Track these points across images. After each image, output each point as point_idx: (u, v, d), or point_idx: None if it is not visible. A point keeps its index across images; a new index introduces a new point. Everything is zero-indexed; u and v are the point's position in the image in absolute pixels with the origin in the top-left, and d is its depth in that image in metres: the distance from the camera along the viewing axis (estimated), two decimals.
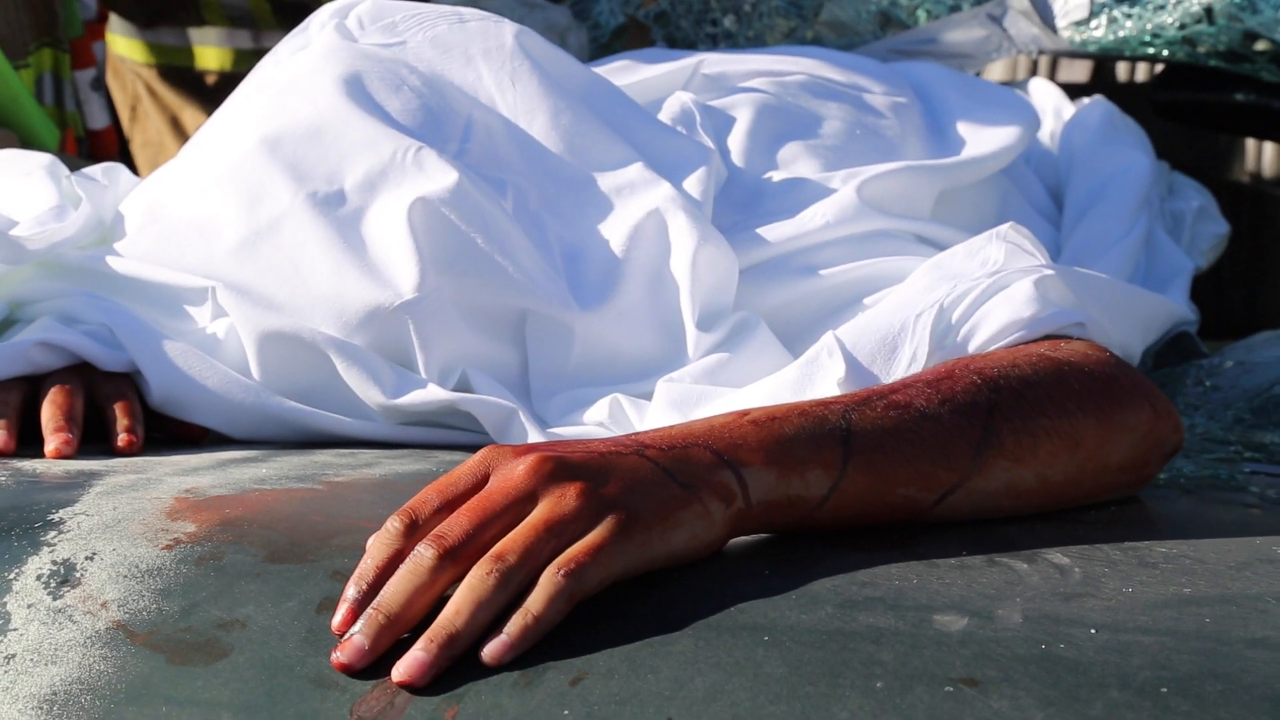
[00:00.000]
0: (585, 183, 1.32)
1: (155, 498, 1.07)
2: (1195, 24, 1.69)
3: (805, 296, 1.31)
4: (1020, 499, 1.09)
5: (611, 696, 0.87)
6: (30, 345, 1.24)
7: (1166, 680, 0.85)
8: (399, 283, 1.22)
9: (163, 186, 1.36)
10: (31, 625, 0.97)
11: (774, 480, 0.99)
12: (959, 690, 0.85)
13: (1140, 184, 1.59)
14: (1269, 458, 1.31)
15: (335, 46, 1.36)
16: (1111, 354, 1.19)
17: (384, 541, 0.94)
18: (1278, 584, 0.98)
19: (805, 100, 1.52)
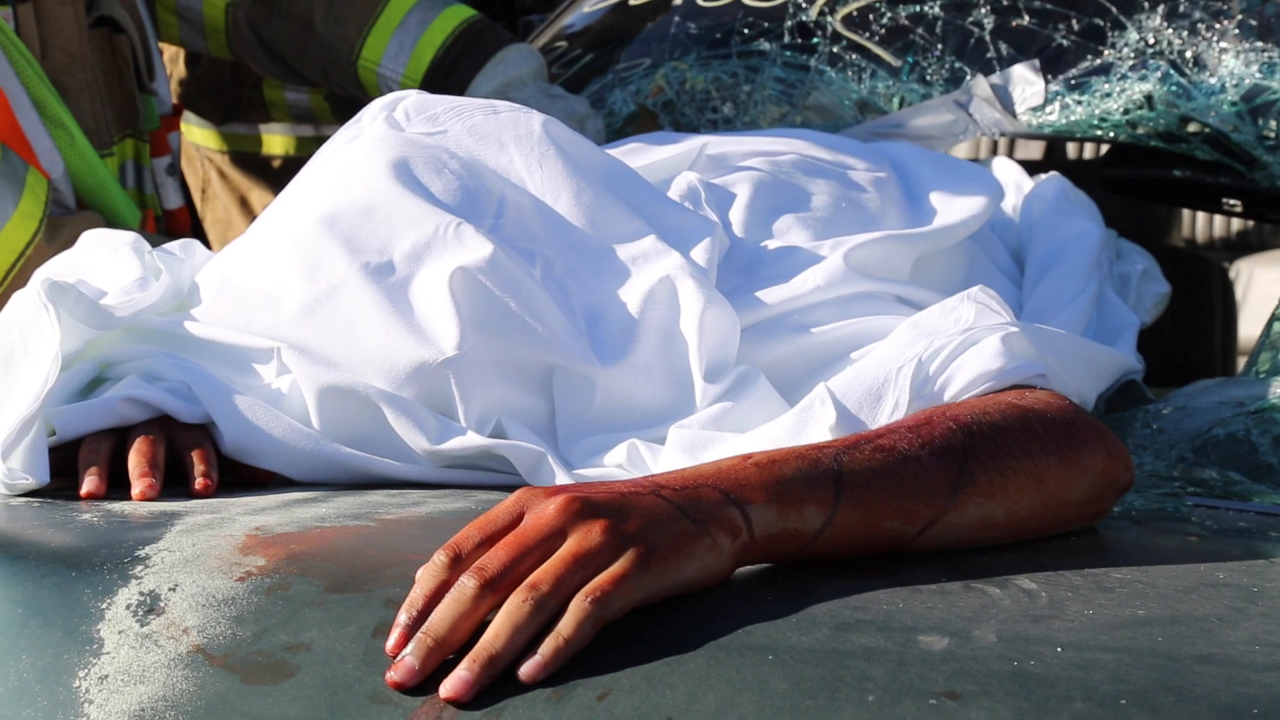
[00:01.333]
0: (604, 253, 1.33)
1: (229, 535, 1.08)
2: (1137, 109, 1.69)
3: (799, 351, 1.31)
4: (992, 531, 1.08)
5: (634, 710, 0.87)
6: (118, 400, 1.25)
7: (1125, 693, 0.85)
8: (442, 342, 1.22)
9: (233, 259, 1.36)
10: (122, 649, 0.97)
11: (775, 516, 0.99)
12: (941, 703, 0.85)
13: (1092, 249, 1.59)
14: (1209, 492, 1.31)
15: (385, 135, 1.36)
16: (1070, 402, 1.19)
17: (431, 573, 0.94)
18: (1220, 606, 0.99)
19: (796, 177, 1.52)
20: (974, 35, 1.82)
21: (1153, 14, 1.71)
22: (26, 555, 1.09)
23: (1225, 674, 0.88)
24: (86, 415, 1.25)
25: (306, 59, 1.95)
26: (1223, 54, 1.65)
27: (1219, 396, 1.42)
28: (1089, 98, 1.72)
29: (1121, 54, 1.72)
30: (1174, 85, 1.67)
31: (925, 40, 1.84)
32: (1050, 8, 1.78)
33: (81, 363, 1.29)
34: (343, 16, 1.92)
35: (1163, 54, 1.69)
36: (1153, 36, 1.70)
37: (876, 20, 1.88)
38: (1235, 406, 1.39)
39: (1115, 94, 1.71)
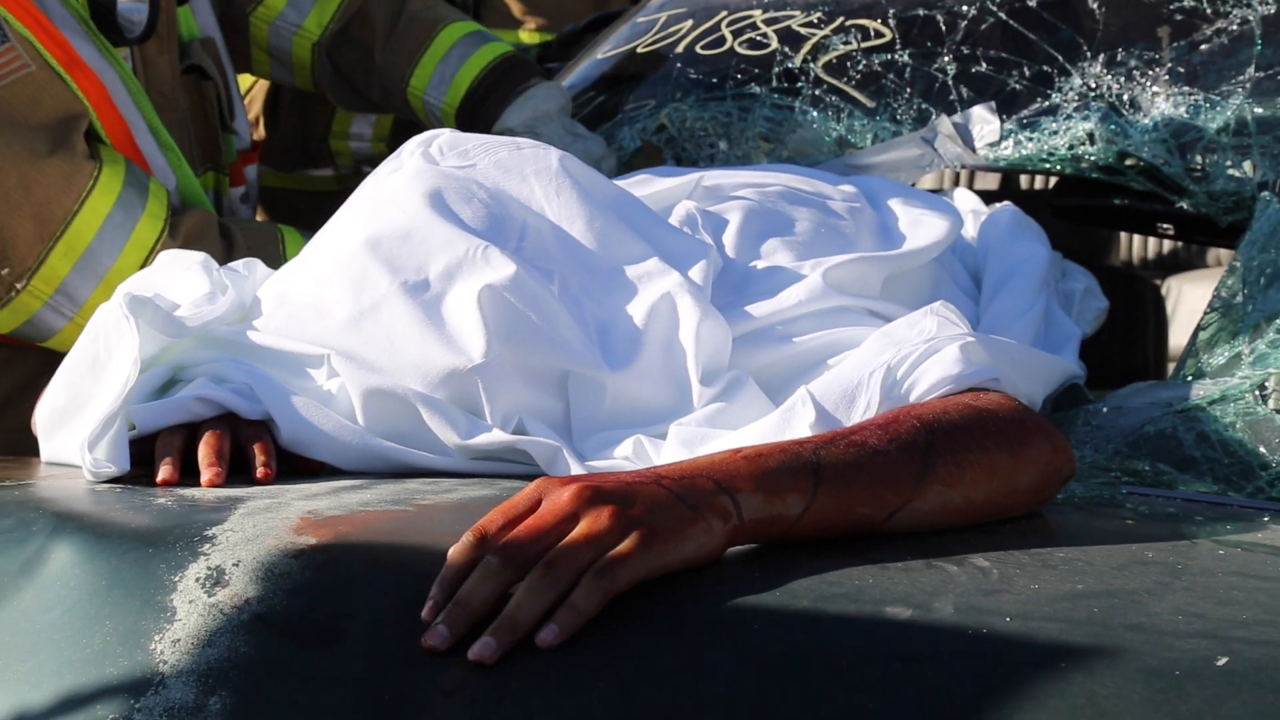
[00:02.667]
0: (613, 272, 1.33)
1: (285, 517, 1.08)
2: (1080, 145, 1.69)
3: (783, 358, 1.31)
4: (951, 515, 1.09)
5: (636, 671, 0.88)
6: (190, 400, 1.25)
7: (1064, 658, 0.85)
8: (471, 351, 1.22)
9: (289, 277, 1.37)
10: (192, 617, 0.98)
11: (761, 503, 1.00)
12: (905, 666, 0.85)
13: (1040, 270, 1.59)
14: (1141, 481, 1.31)
15: (421, 168, 1.36)
16: (1020, 403, 1.19)
17: (461, 551, 0.95)
18: (1149, 581, 0.99)
19: (781, 206, 1.52)
20: (938, 80, 1.82)
21: (1094, 62, 1.71)
22: (109, 534, 1.09)
23: (1152, 640, 0.88)
24: (162, 412, 1.25)
25: (370, 84, 1.94)
26: (1155, 97, 1.66)
27: (1150, 398, 1.42)
28: (1039, 135, 1.72)
29: (1067, 97, 1.72)
30: (1113, 124, 1.67)
31: (895, 84, 1.85)
32: (1005, 56, 1.78)
33: (158, 366, 1.29)
34: (397, 48, 1.92)
35: (1103, 97, 1.69)
36: (1094, 82, 1.70)
37: (853, 67, 1.88)
38: (1164, 407, 1.39)
39: (1061, 132, 1.71)
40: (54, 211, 1.53)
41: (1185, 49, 1.68)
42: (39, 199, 1.53)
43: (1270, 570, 1.06)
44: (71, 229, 1.54)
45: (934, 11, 1.86)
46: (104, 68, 1.60)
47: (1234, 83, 1.62)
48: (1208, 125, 1.61)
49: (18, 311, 1.57)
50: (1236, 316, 1.45)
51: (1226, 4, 1.68)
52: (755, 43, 1.98)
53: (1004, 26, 1.81)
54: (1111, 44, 1.72)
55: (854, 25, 1.92)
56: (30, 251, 1.54)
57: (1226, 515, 1.23)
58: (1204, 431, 1.35)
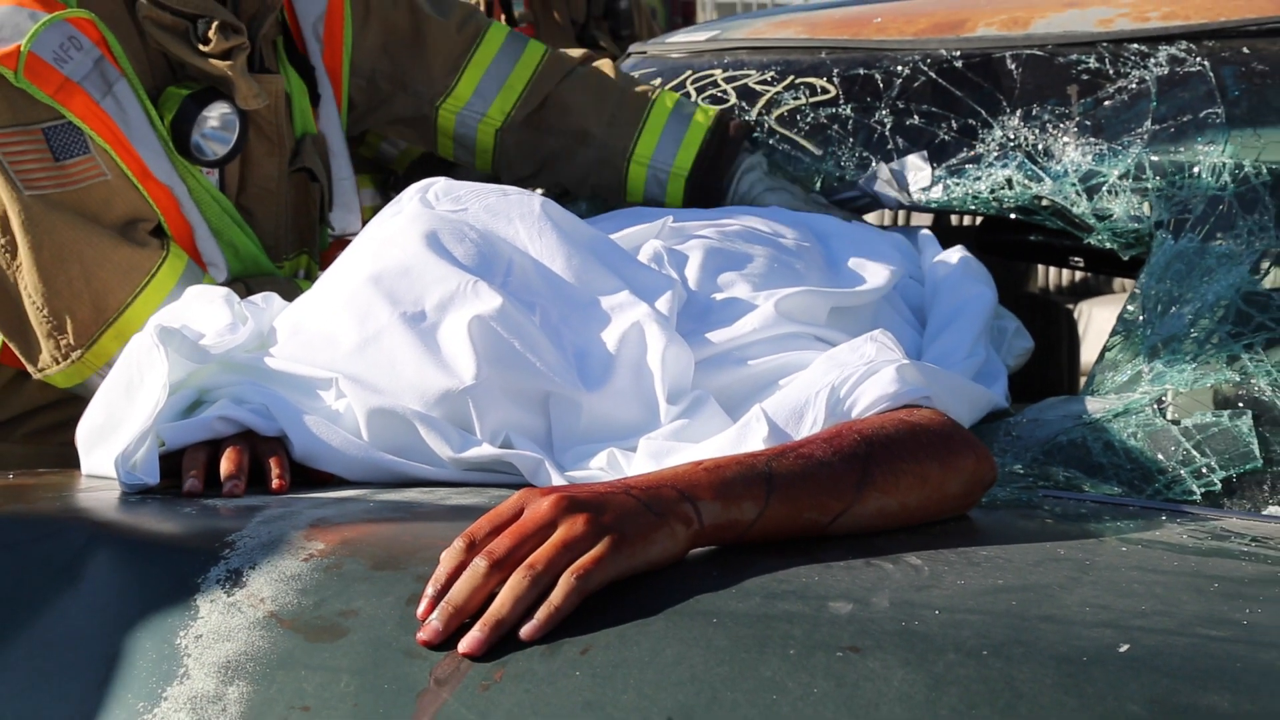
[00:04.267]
0: (589, 303, 1.32)
1: (297, 524, 1.07)
2: (1000, 189, 1.70)
3: (740, 380, 1.31)
4: (887, 519, 1.08)
5: (609, 661, 0.88)
6: (213, 419, 1.24)
7: (986, 645, 0.85)
8: (462, 374, 1.21)
9: (302, 309, 1.36)
10: (213, 614, 0.98)
11: (719, 509, 0.99)
12: (846, 655, 0.85)
13: (986, 312, 1.57)
14: (1055, 485, 1.31)
15: (419, 212, 1.36)
16: (948, 418, 1.19)
17: (452, 555, 0.94)
18: (1061, 576, 0.99)
19: (739, 244, 1.51)
20: (877, 131, 1.82)
21: (1012, 116, 1.72)
22: (141, 539, 1.10)
23: (1063, 630, 0.88)
24: (188, 430, 1.24)
25: (573, 164, 1.90)
26: (1065, 147, 1.66)
27: (1063, 411, 1.42)
28: (964, 180, 1.73)
29: (989, 147, 1.72)
30: (1028, 171, 1.67)
31: (839, 135, 1.85)
32: (935, 111, 1.78)
33: (185, 389, 1.28)
34: (615, 124, 1.88)
35: (1020, 147, 1.69)
36: (1012, 134, 1.71)
37: (802, 119, 1.88)
38: (1076, 419, 1.39)
39: (984, 177, 1.71)
40: (110, 301, 1.56)
41: (1091, 105, 1.68)
42: (98, 289, 1.55)
43: (1166, 565, 1.06)
44: (124, 317, 1.56)
45: (873, 71, 1.86)
46: (175, 181, 1.62)
47: (1133, 134, 1.62)
48: (1110, 171, 1.61)
49: (71, 376, 1.59)
50: (1137, 339, 1.45)
51: (1126, 66, 1.69)
52: (716, 98, 1.98)
53: (934, 85, 1.81)
54: (1027, 101, 1.73)
55: (803, 83, 1.92)
56: (86, 331, 1.56)
57: (1129, 515, 1.23)
58: (1110, 441, 1.35)
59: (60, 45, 1.53)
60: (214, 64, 1.61)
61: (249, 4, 1.68)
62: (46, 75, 1.52)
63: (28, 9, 1.53)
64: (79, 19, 1.55)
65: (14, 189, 1.52)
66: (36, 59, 1.51)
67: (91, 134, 1.55)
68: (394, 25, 1.88)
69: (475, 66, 1.89)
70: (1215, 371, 1.38)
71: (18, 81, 1.50)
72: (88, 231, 1.55)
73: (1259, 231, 1.46)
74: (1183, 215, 1.52)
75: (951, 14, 1.92)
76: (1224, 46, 1.64)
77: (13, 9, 1.53)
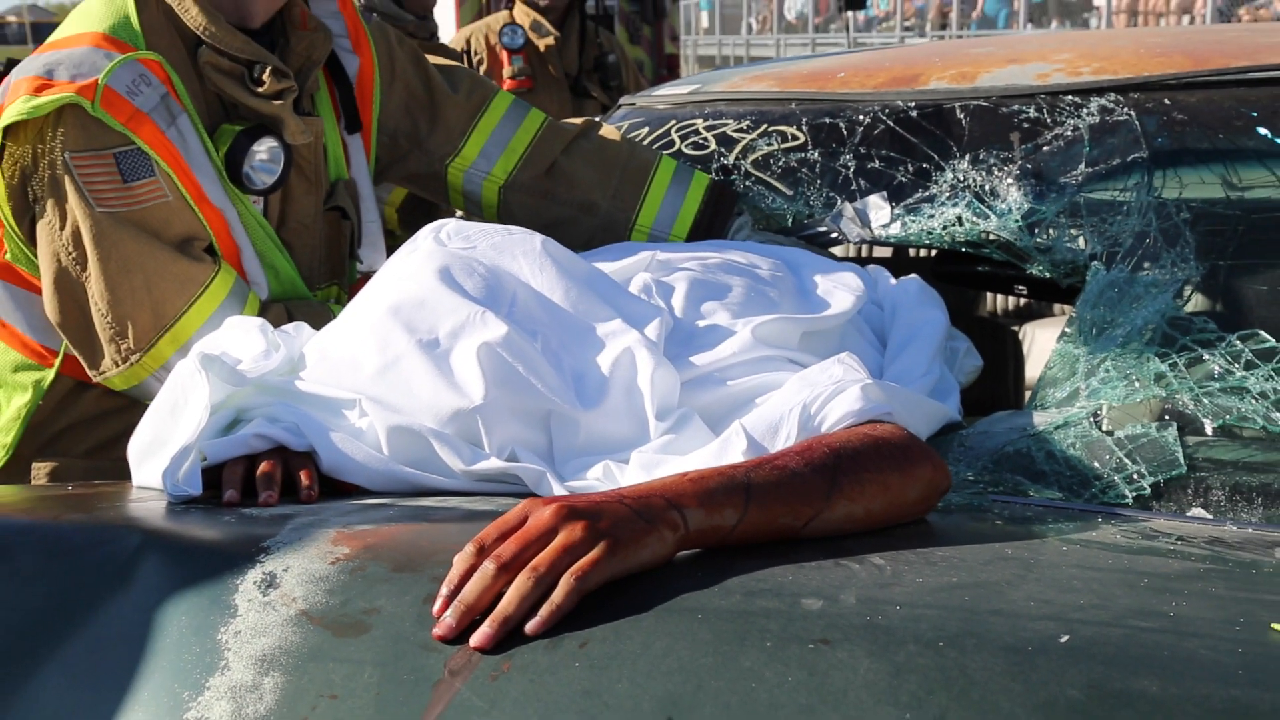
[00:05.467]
0: (585, 331, 1.33)
1: (325, 531, 1.07)
2: (952, 225, 1.70)
3: (721, 398, 1.31)
4: (854, 523, 1.08)
5: (605, 654, 0.88)
6: (250, 436, 1.24)
7: (942, 637, 0.86)
8: (472, 395, 1.21)
9: (328, 337, 1.36)
10: (250, 612, 0.98)
11: (703, 516, 1.00)
12: (817, 647, 0.85)
13: (939, 335, 1.57)
14: (1003, 491, 1.31)
15: (433, 250, 1.36)
16: (907, 431, 1.19)
17: (463, 559, 0.95)
18: (1009, 573, 0.99)
19: (719, 275, 1.52)
20: (841, 174, 1.83)
21: (961, 160, 1.72)
22: (185, 544, 1.09)
23: (1010, 623, 0.88)
24: (227, 446, 1.24)
25: (578, 230, 1.89)
26: (1008, 188, 1.67)
27: (1010, 424, 1.42)
28: (920, 217, 1.73)
29: (941, 188, 1.73)
30: (977, 209, 1.68)
31: (808, 177, 1.85)
32: (893, 155, 1.79)
33: (224, 410, 1.29)
34: (619, 197, 1.88)
35: (968, 188, 1.70)
36: (962, 176, 1.71)
37: (775, 163, 1.89)
38: (1021, 431, 1.39)
39: (937, 215, 1.72)
40: (168, 309, 1.57)
41: (1031, 150, 1.69)
42: (158, 297, 1.57)
43: (1102, 563, 1.06)
44: (179, 324, 1.57)
45: (837, 120, 1.87)
46: (226, 206, 1.64)
47: (1069, 176, 1.63)
48: (1049, 209, 1.62)
49: (129, 378, 1.59)
50: (1075, 359, 1.46)
51: (1062, 115, 1.70)
52: (698, 144, 1.99)
53: (892, 132, 1.82)
54: (975, 146, 1.73)
55: (775, 130, 1.92)
56: (145, 336, 1.57)
57: (1069, 517, 1.23)
58: (1051, 450, 1.35)
59: (132, 81, 1.56)
60: (266, 104, 1.65)
61: (296, 55, 1.72)
62: (119, 106, 1.55)
63: (104, 50, 1.58)
64: (149, 60, 1.59)
65: (86, 206, 1.55)
66: (111, 92, 1.54)
67: (157, 159, 1.57)
68: (414, 90, 1.89)
69: (480, 131, 1.91)
70: (1144, 388, 1.38)
71: (94, 111, 1.53)
72: (150, 246, 1.56)
73: (1181, 262, 1.47)
74: (1114, 248, 1.53)
75: (907, 69, 1.93)
76: (1148, 98, 1.66)
77: (91, 49, 1.58)
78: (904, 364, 1.51)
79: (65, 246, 1.57)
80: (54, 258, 1.58)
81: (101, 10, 1.63)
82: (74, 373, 1.69)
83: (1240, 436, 1.32)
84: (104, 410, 1.71)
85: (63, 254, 1.58)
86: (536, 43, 4.06)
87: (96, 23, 1.62)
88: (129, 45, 1.59)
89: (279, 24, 1.74)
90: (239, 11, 1.68)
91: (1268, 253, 1.44)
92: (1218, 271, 1.44)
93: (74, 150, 1.55)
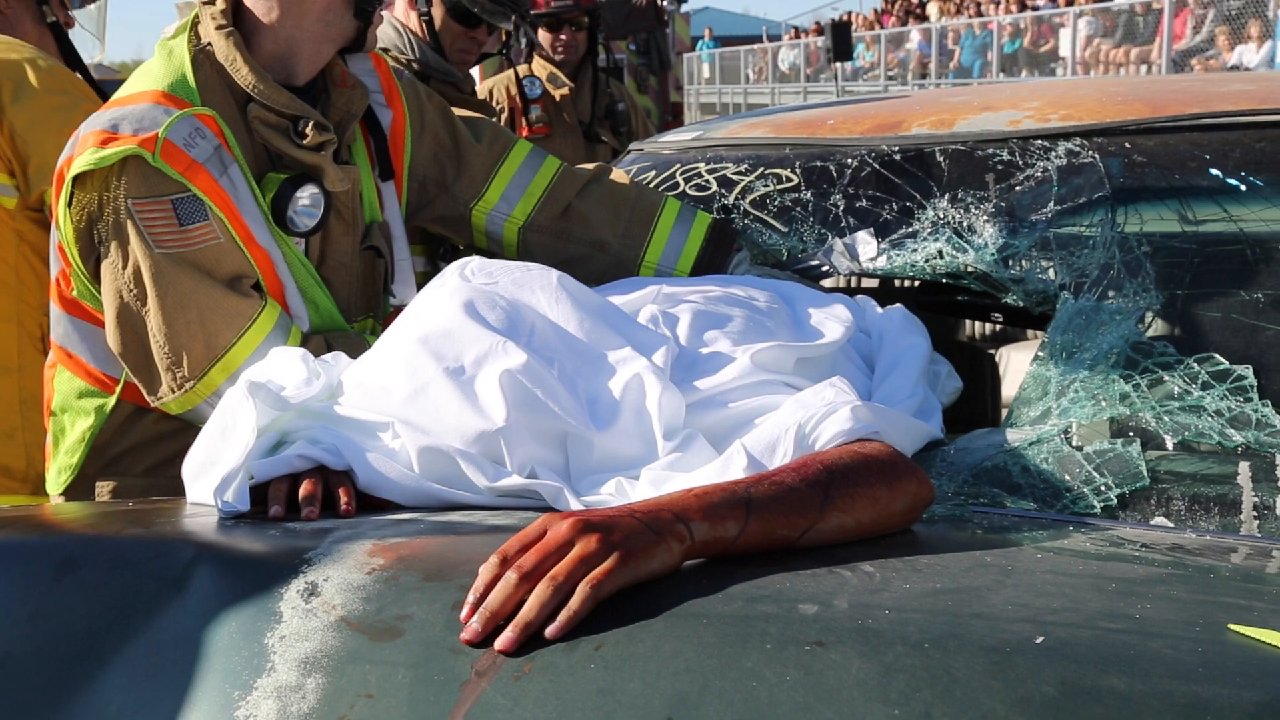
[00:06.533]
0: (599, 358, 1.32)
1: (361, 543, 1.07)
2: (933, 259, 1.70)
3: (723, 420, 1.30)
4: (845, 534, 1.08)
5: (618, 655, 0.88)
6: (293, 457, 1.24)
7: (927, 639, 0.85)
8: (495, 417, 1.21)
9: (364, 366, 1.36)
10: (294, 618, 0.97)
11: (708, 528, 0.99)
12: (813, 649, 0.85)
13: (922, 359, 1.57)
14: (983, 503, 1.31)
15: (458, 285, 1.36)
16: (894, 449, 1.19)
17: (488, 569, 0.94)
18: (988, 579, 0.99)
19: (720, 307, 1.52)
20: (832, 212, 1.83)
21: (941, 199, 1.73)
22: (235, 555, 1.09)
23: (990, 625, 0.88)
24: (272, 466, 1.24)
25: (591, 266, 1.89)
26: (985, 224, 1.67)
27: (988, 440, 1.42)
28: (904, 251, 1.73)
29: (923, 224, 1.73)
30: (956, 244, 1.68)
31: (801, 215, 1.86)
32: (879, 195, 1.79)
33: (269, 433, 1.28)
34: (628, 236, 1.88)
35: (948, 224, 1.70)
36: (942, 213, 1.72)
37: (771, 203, 1.89)
38: (998, 447, 1.39)
39: (920, 249, 1.72)
40: (219, 340, 1.58)
41: (1005, 189, 1.69)
42: (210, 330, 1.57)
43: (1073, 569, 1.06)
44: (229, 354, 1.58)
45: (828, 163, 1.87)
46: (272, 246, 1.65)
47: (1039, 213, 1.63)
48: (1022, 243, 1.62)
49: (184, 404, 1.61)
50: (1047, 381, 1.45)
51: (1032, 158, 1.70)
52: (700, 186, 1.99)
53: (878, 174, 1.82)
54: (954, 186, 1.73)
55: (771, 173, 1.93)
56: (198, 365, 1.58)
57: (1043, 526, 1.23)
58: (1026, 465, 1.35)
59: (189, 134, 1.58)
60: (309, 154, 1.66)
61: (336, 110, 1.74)
62: (177, 157, 1.57)
63: (164, 106, 1.60)
64: (204, 115, 1.61)
65: (146, 247, 1.56)
66: (170, 144, 1.56)
67: (210, 205, 1.58)
68: (441, 140, 1.90)
69: (501, 177, 1.92)
70: (1110, 407, 1.38)
71: (154, 161, 1.55)
72: (203, 284, 1.57)
73: (1142, 292, 1.47)
74: (1081, 279, 1.53)
75: (890, 116, 1.94)
76: (1110, 142, 1.66)
77: (152, 105, 1.60)
78: (890, 387, 1.50)
79: (127, 284, 1.58)
80: (116, 294, 1.60)
81: (161, 70, 1.65)
82: (134, 399, 1.70)
83: (1198, 451, 1.32)
84: (161, 433, 1.71)
85: (125, 291, 1.59)
86: (553, 93, 4.08)
87: (156, 81, 1.63)
88: (186, 102, 1.61)
89: (320, 82, 1.76)
90: (285, 71, 1.70)
91: (1221, 282, 1.43)
92: (1176, 300, 1.44)
93: (136, 197, 1.56)
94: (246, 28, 1.69)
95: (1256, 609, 0.91)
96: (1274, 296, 1.39)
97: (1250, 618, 0.89)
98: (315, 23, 1.69)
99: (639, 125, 4.26)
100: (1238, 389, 1.34)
